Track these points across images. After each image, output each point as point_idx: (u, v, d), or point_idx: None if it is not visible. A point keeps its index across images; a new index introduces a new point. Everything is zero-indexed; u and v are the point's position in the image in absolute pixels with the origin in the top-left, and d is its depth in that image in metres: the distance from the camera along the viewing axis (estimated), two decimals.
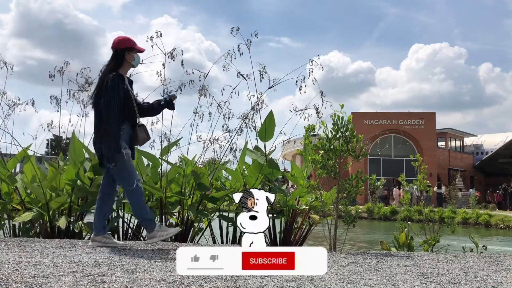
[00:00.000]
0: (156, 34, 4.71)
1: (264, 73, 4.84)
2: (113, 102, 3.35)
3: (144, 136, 3.58)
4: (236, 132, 5.12)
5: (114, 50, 3.57)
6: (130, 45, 3.58)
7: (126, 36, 3.64)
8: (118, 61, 3.54)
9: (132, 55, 3.58)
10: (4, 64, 4.90)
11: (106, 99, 3.36)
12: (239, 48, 4.78)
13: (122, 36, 3.65)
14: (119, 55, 3.55)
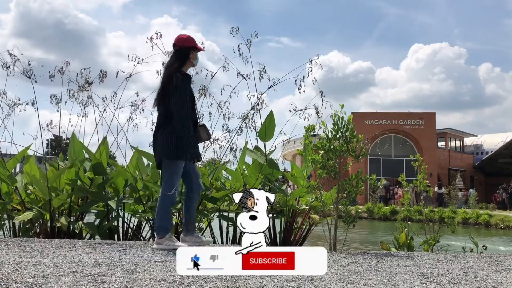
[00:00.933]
0: (156, 35, 4.72)
1: (263, 73, 4.85)
2: (185, 101, 3.34)
3: (206, 136, 3.58)
4: (236, 132, 5.13)
5: (178, 49, 3.53)
6: (193, 44, 3.56)
7: (189, 35, 3.61)
8: (183, 60, 3.51)
9: (195, 54, 3.57)
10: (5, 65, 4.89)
11: (178, 99, 3.32)
12: (239, 48, 4.78)
13: (185, 34, 3.61)
14: (184, 54, 3.52)
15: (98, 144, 4.77)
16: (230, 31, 4.72)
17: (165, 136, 3.38)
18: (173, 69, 3.45)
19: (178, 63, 3.49)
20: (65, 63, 4.90)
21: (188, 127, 3.33)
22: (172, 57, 3.56)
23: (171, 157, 3.37)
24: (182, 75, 3.43)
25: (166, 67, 3.57)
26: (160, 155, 3.43)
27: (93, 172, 4.55)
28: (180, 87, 3.35)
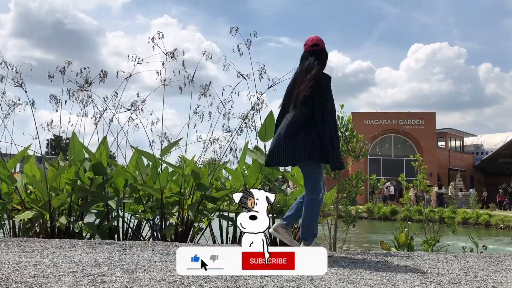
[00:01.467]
0: (158, 35, 4.72)
1: (263, 72, 4.84)
2: (333, 104, 3.26)
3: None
4: (236, 132, 5.12)
5: (321, 50, 3.45)
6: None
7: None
8: (325, 61, 3.44)
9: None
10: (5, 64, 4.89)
11: (327, 102, 3.23)
12: (239, 48, 4.78)
13: (317, 36, 3.54)
14: (325, 56, 3.46)
15: (98, 144, 4.77)
16: (229, 31, 4.72)
17: (312, 138, 3.23)
18: (317, 70, 3.34)
19: (322, 64, 3.40)
20: (66, 62, 4.90)
21: (336, 131, 3.24)
22: (315, 56, 3.42)
23: (318, 160, 3.23)
24: (327, 77, 3.36)
25: (308, 67, 3.39)
26: (300, 157, 3.25)
27: (93, 172, 4.55)
28: (329, 90, 3.28)
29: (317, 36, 3.53)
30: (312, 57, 3.43)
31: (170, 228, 4.50)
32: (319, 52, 3.44)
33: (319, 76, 3.29)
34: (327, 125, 3.19)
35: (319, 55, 3.43)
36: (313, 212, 3.32)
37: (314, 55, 3.43)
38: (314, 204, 3.30)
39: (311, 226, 3.32)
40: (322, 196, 3.32)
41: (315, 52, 3.44)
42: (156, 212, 4.65)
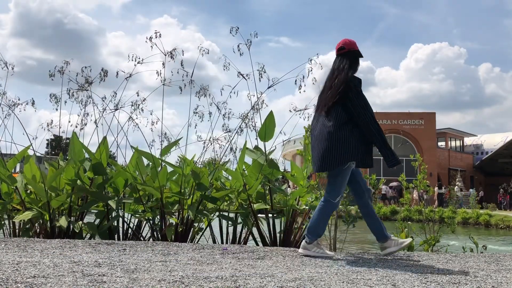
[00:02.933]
0: (155, 34, 4.71)
1: (263, 72, 4.84)
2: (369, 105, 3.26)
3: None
4: (236, 132, 5.12)
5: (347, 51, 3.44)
6: (357, 48, 3.49)
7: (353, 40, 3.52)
8: (356, 64, 3.43)
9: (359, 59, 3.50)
10: (5, 64, 4.89)
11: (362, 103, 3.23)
12: (239, 48, 4.78)
13: (349, 39, 3.53)
14: (355, 57, 3.44)
15: (98, 144, 4.77)
16: (229, 31, 4.72)
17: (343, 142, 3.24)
18: (346, 75, 3.33)
19: (352, 66, 3.39)
20: (65, 63, 4.90)
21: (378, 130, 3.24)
22: (343, 60, 3.42)
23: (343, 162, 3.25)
24: (358, 79, 3.35)
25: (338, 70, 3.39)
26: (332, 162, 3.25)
27: (93, 172, 4.55)
28: (361, 92, 3.28)
29: (346, 38, 3.52)
30: (339, 60, 3.44)
31: (170, 228, 4.50)
32: (346, 55, 3.44)
33: (348, 81, 3.28)
34: (373, 127, 3.21)
35: (346, 58, 3.42)
36: (325, 213, 3.34)
37: (341, 58, 3.44)
38: (328, 205, 3.32)
39: (318, 226, 3.33)
40: (338, 201, 3.34)
41: (342, 55, 3.44)
42: (156, 212, 4.65)
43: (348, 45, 3.46)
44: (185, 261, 2.88)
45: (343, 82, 3.28)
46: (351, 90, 3.25)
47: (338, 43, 3.52)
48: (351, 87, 3.26)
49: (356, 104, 3.23)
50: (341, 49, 3.47)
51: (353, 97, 3.24)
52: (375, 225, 3.43)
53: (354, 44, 3.48)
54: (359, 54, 3.47)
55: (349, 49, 3.45)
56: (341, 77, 3.32)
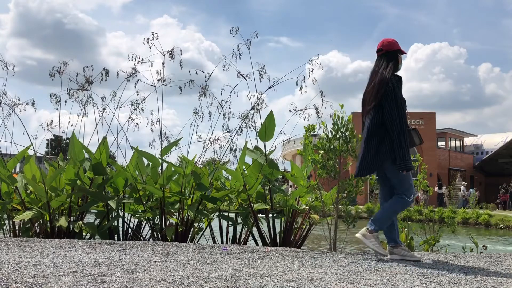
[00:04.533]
0: (152, 36, 4.72)
1: (263, 73, 4.84)
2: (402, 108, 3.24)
3: (418, 140, 3.43)
4: (236, 132, 5.12)
5: (385, 52, 3.42)
6: (399, 47, 3.47)
7: (394, 39, 3.49)
8: (394, 64, 3.39)
9: (400, 57, 3.47)
10: (5, 64, 4.89)
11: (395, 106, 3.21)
12: (239, 48, 4.78)
13: (390, 38, 3.50)
14: (394, 58, 3.41)
15: (98, 144, 4.77)
16: (230, 31, 4.72)
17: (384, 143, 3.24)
18: (388, 74, 3.31)
19: (391, 67, 3.37)
20: (63, 63, 4.89)
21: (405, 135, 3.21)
22: (381, 61, 3.41)
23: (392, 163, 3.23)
24: (396, 79, 3.34)
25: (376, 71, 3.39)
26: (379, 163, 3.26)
27: (93, 172, 4.55)
28: (397, 93, 3.25)
29: (385, 39, 3.50)
30: (377, 62, 3.44)
31: (170, 228, 4.50)
32: (384, 56, 3.42)
33: (385, 82, 3.27)
34: (395, 126, 3.18)
35: (384, 59, 3.41)
36: (395, 208, 3.32)
37: (379, 59, 3.43)
38: (402, 201, 3.29)
39: (384, 219, 3.31)
40: (412, 200, 3.31)
41: (380, 56, 3.44)
42: (156, 212, 4.65)
43: (386, 46, 3.44)
44: (185, 261, 2.88)
45: (381, 83, 3.28)
46: (386, 90, 3.24)
47: (378, 44, 3.51)
48: (387, 87, 3.25)
49: (387, 102, 3.22)
50: (379, 50, 3.47)
51: (387, 97, 3.23)
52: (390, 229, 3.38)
53: (393, 44, 3.45)
54: (398, 53, 3.45)
55: (386, 50, 3.43)
56: (378, 78, 3.32)
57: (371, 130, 3.29)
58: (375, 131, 3.28)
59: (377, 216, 3.35)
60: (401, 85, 3.35)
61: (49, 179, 4.43)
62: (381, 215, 3.33)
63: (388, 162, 3.24)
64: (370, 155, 3.28)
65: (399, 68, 3.43)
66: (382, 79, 3.29)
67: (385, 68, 3.35)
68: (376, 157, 3.26)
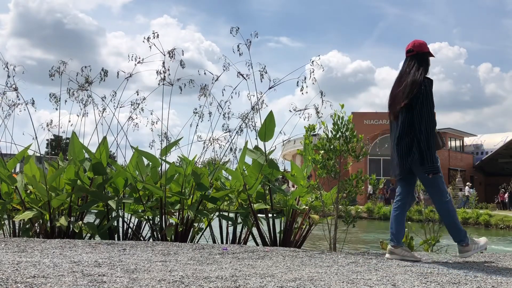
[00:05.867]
0: (153, 35, 4.71)
1: (264, 73, 4.84)
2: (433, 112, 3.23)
3: (442, 144, 3.41)
4: (236, 132, 5.12)
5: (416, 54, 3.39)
6: (428, 49, 3.45)
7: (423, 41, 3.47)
8: (426, 66, 3.37)
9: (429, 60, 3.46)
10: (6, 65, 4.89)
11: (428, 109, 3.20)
12: (239, 48, 4.77)
13: (420, 40, 3.48)
14: (425, 59, 3.39)
15: (98, 144, 4.77)
16: (230, 31, 4.72)
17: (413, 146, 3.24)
18: (420, 76, 3.29)
19: (422, 69, 3.34)
20: (62, 63, 4.88)
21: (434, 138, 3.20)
22: (411, 62, 3.38)
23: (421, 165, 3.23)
24: (429, 82, 3.31)
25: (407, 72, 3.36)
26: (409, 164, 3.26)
27: (93, 172, 4.55)
28: (429, 96, 3.23)
29: (416, 40, 3.47)
30: (407, 63, 3.41)
31: (170, 228, 4.49)
32: (414, 57, 3.40)
33: (418, 83, 3.25)
34: (424, 128, 3.17)
35: (414, 60, 3.38)
36: (454, 213, 3.33)
37: (409, 61, 3.40)
38: (449, 205, 3.31)
39: (459, 227, 3.32)
40: (450, 196, 3.33)
41: (410, 57, 3.41)
42: (156, 212, 4.65)
43: (417, 47, 3.42)
44: (185, 261, 2.88)
45: (413, 84, 3.26)
46: (418, 93, 3.22)
47: (408, 45, 3.48)
48: (419, 89, 3.23)
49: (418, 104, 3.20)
50: (409, 51, 3.43)
51: (418, 99, 3.21)
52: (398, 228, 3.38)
53: (423, 46, 3.43)
54: (429, 55, 3.43)
55: (417, 51, 3.40)
56: (409, 80, 3.29)
57: (402, 131, 3.28)
58: (406, 132, 3.27)
59: (456, 233, 3.33)
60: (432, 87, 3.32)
61: (50, 178, 4.43)
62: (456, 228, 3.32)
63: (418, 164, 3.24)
64: (401, 156, 3.28)
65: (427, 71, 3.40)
66: (415, 80, 3.27)
67: (417, 70, 3.32)
68: (406, 159, 3.26)
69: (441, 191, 3.29)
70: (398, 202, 3.42)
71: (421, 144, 3.17)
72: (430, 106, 3.20)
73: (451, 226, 3.32)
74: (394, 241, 3.32)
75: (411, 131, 3.25)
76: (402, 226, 3.37)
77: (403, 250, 3.30)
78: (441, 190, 3.29)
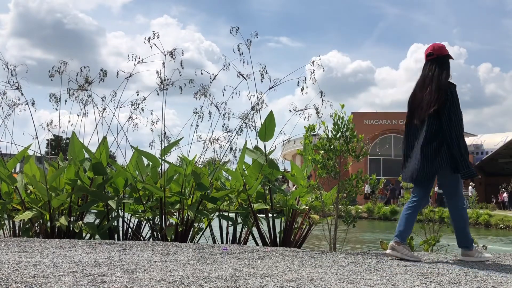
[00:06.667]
0: (153, 35, 4.71)
1: (264, 73, 4.84)
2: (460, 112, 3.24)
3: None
4: (236, 132, 5.12)
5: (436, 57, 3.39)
6: (448, 52, 3.45)
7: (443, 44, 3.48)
8: (448, 69, 3.37)
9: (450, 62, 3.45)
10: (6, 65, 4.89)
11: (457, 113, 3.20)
12: (239, 48, 4.77)
13: (439, 43, 3.48)
14: (446, 63, 3.40)
15: (98, 144, 4.77)
16: (230, 31, 4.72)
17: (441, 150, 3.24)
18: (445, 80, 3.30)
19: (446, 73, 3.34)
20: (63, 63, 4.89)
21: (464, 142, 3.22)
22: (432, 66, 3.38)
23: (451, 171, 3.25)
24: (454, 86, 3.32)
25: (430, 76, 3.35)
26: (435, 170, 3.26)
27: (93, 172, 4.55)
28: (457, 101, 3.24)
29: (435, 43, 3.47)
30: (428, 67, 3.40)
31: (170, 228, 4.49)
32: (435, 61, 3.39)
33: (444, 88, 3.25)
34: (454, 134, 3.18)
35: (435, 64, 3.38)
36: (467, 220, 3.36)
37: (430, 65, 3.40)
38: (464, 212, 3.33)
39: (468, 234, 3.35)
40: (467, 203, 3.36)
41: (431, 61, 3.40)
42: (156, 212, 4.65)
43: (437, 50, 3.41)
44: (185, 261, 2.88)
45: (440, 90, 3.26)
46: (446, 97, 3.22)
47: (427, 48, 3.47)
48: (447, 94, 3.23)
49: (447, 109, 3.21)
50: (429, 55, 3.42)
51: (446, 104, 3.21)
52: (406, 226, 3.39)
53: (443, 49, 3.42)
54: (449, 57, 3.43)
55: (437, 54, 3.39)
56: (435, 85, 3.29)
57: (429, 136, 3.27)
58: (432, 137, 3.26)
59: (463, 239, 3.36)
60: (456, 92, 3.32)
61: (50, 178, 4.43)
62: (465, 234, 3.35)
63: (447, 169, 3.24)
64: (427, 161, 3.27)
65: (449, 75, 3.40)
66: (441, 85, 3.27)
67: (440, 74, 3.32)
68: (433, 163, 3.25)
69: (458, 196, 3.33)
70: (412, 203, 3.43)
71: (453, 150, 3.18)
72: (458, 112, 3.22)
73: (460, 231, 3.35)
74: (399, 238, 3.32)
75: (438, 136, 3.24)
76: (410, 226, 3.38)
77: (404, 248, 3.30)
78: (459, 196, 3.33)
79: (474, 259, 3.30)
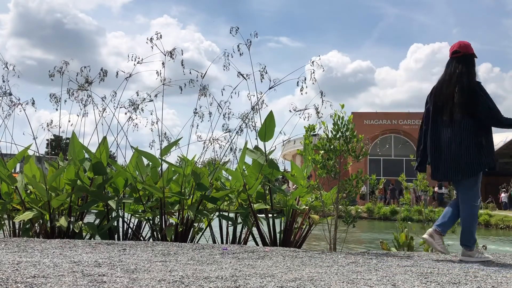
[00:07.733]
0: (156, 35, 4.72)
1: (264, 73, 4.84)
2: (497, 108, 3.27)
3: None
4: (236, 132, 5.12)
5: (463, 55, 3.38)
6: (473, 51, 3.44)
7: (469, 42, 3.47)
8: (474, 68, 3.37)
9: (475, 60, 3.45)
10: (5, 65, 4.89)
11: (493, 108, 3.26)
12: (239, 48, 4.78)
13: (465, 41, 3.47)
14: (472, 61, 3.40)
15: (98, 144, 4.77)
16: (229, 31, 4.72)
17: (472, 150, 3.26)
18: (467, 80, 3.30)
19: (472, 71, 3.35)
20: (64, 63, 4.89)
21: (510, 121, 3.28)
22: (459, 64, 3.37)
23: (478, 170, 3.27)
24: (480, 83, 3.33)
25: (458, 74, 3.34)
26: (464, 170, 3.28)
27: (93, 172, 4.55)
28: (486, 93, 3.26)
29: (461, 41, 3.46)
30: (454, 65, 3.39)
31: (170, 228, 4.50)
32: (461, 59, 3.38)
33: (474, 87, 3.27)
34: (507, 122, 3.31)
35: (462, 62, 3.37)
36: (476, 219, 3.37)
37: (456, 62, 3.39)
38: (475, 210, 3.34)
39: (473, 234, 3.36)
40: (480, 202, 3.38)
41: (457, 59, 3.40)
42: (156, 212, 4.65)
43: (464, 48, 3.40)
44: (185, 261, 2.88)
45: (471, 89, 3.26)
46: (478, 95, 3.24)
47: (453, 46, 3.46)
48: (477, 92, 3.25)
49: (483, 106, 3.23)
50: (455, 52, 3.41)
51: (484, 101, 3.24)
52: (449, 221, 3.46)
53: (469, 47, 3.42)
54: (474, 56, 3.43)
55: (464, 52, 3.39)
56: (464, 84, 3.29)
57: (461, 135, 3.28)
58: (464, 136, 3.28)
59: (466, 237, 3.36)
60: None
61: (50, 178, 4.43)
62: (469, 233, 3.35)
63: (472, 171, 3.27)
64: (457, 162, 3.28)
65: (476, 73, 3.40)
66: (471, 84, 3.29)
67: (468, 74, 3.33)
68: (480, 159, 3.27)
69: (474, 192, 3.34)
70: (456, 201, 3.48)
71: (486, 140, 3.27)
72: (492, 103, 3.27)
73: (467, 230, 3.35)
74: (440, 228, 3.38)
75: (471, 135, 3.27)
76: (453, 222, 3.45)
77: (440, 239, 3.36)
78: (475, 191, 3.34)
79: (474, 259, 3.31)
